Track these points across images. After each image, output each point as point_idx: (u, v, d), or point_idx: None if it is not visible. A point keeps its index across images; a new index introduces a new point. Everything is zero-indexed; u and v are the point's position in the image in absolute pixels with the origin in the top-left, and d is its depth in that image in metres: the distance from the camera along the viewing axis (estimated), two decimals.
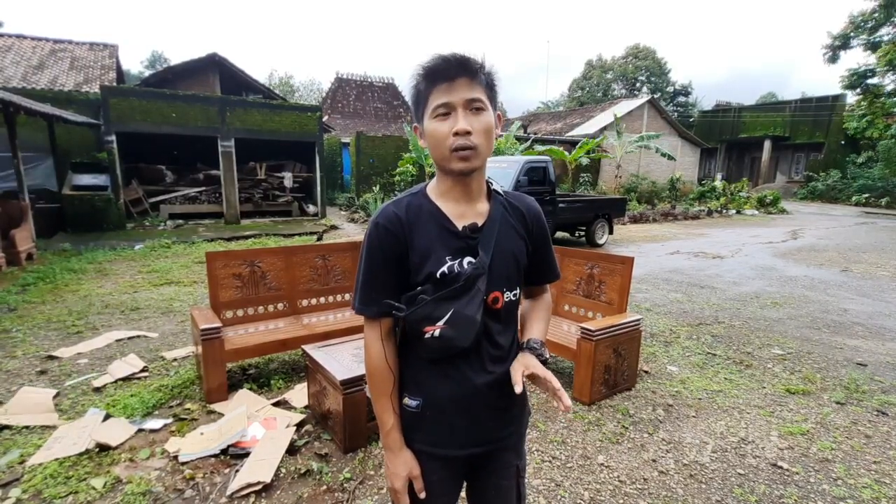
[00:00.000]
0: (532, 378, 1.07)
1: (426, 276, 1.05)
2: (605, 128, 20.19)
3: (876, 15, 20.42)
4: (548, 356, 1.14)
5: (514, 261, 1.12)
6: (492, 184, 1.15)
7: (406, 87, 1.10)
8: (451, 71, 0.98)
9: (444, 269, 1.04)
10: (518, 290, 1.15)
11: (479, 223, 1.09)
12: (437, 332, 1.03)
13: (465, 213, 1.09)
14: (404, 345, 1.14)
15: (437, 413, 1.11)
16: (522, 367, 1.07)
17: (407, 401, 1.12)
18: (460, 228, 1.07)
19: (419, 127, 1.08)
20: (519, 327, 1.22)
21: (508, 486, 1.22)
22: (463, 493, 1.28)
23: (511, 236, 1.13)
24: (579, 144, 15.35)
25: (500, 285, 1.09)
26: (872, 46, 20.78)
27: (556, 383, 1.03)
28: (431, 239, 1.06)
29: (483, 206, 1.12)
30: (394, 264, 1.06)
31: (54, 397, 3.06)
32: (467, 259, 1.06)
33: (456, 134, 0.99)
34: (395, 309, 1.05)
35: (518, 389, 1.03)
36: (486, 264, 1.06)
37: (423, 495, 1.13)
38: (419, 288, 1.05)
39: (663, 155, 17.29)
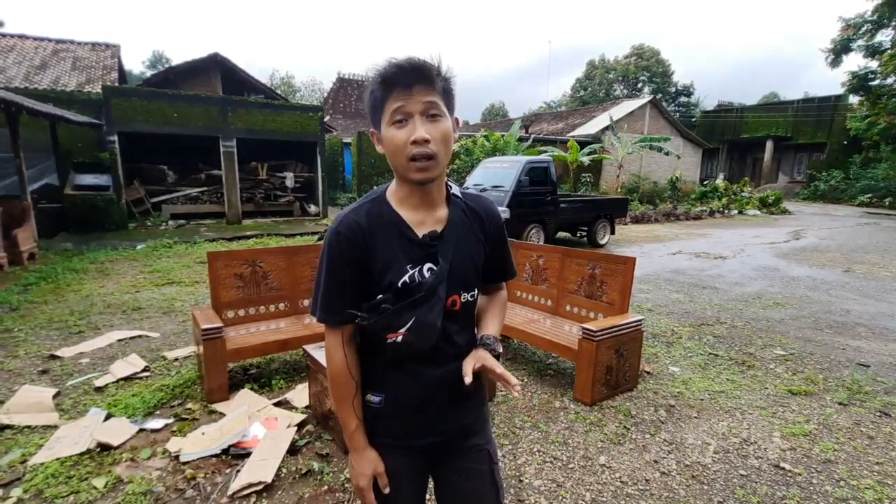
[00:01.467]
0: (483, 369, 1.10)
1: (387, 284, 1.05)
2: (605, 128, 20.17)
3: (874, 17, 20.39)
4: (500, 350, 1.17)
5: (472, 264, 1.15)
6: (451, 188, 1.16)
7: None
8: (407, 78, 0.97)
9: (406, 278, 1.06)
10: (475, 291, 1.18)
11: (439, 229, 1.10)
12: (399, 339, 1.05)
13: (425, 220, 1.10)
14: (366, 345, 1.15)
15: (399, 408, 1.14)
16: (473, 360, 1.10)
17: (370, 397, 1.15)
18: (420, 236, 1.08)
19: (376, 133, 1.07)
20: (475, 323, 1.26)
21: (479, 470, 1.22)
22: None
23: (469, 240, 1.15)
24: (569, 146, 15.23)
25: (458, 288, 1.12)
26: (872, 51, 20.78)
27: (500, 368, 1.07)
28: (392, 247, 1.06)
29: (442, 212, 1.12)
30: (355, 272, 1.06)
31: (55, 397, 3.06)
32: (427, 266, 1.07)
33: (414, 142, 0.98)
34: (359, 318, 1.06)
35: (467, 381, 1.06)
36: (445, 271, 1.07)
37: (387, 491, 1.15)
38: (380, 297, 1.05)
39: (666, 153, 17.26)
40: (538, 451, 2.61)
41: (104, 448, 2.50)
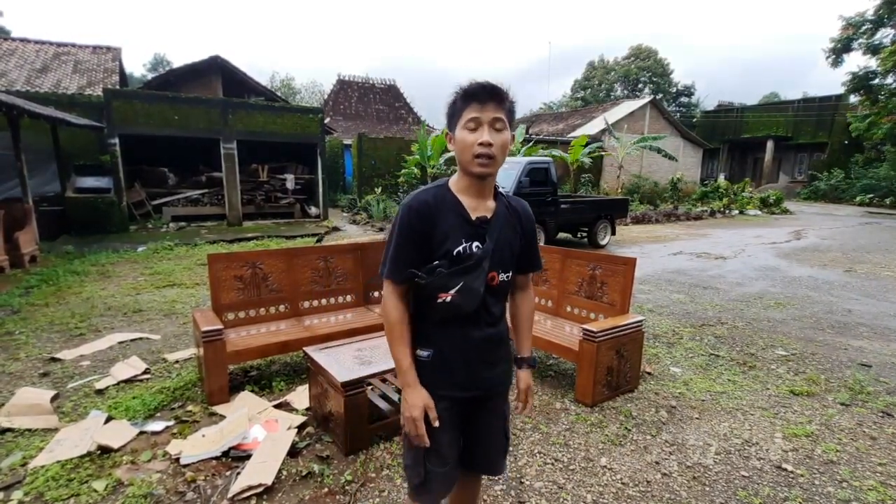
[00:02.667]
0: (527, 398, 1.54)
1: (444, 252, 1.31)
2: (603, 130, 20.16)
3: (875, 17, 20.40)
4: (537, 364, 1.53)
5: (510, 250, 1.42)
6: (498, 187, 1.43)
7: (406, 93, 1.24)
8: (484, 95, 1.25)
9: (460, 248, 1.31)
10: (510, 273, 1.44)
11: (488, 216, 1.37)
12: (448, 299, 1.31)
13: (478, 207, 1.37)
14: (419, 308, 1.39)
15: (444, 362, 1.39)
16: (526, 391, 1.56)
17: (420, 352, 1.39)
18: (474, 219, 1.35)
19: (451, 134, 1.34)
20: (510, 325, 1.57)
21: (498, 426, 1.54)
22: None
23: (509, 230, 1.41)
24: (572, 144, 15.21)
25: (498, 267, 1.37)
26: (872, 50, 20.78)
27: (531, 395, 1.58)
28: (451, 223, 1.32)
29: (491, 204, 1.39)
30: (419, 240, 1.31)
31: (55, 399, 3.06)
32: (475, 244, 1.33)
33: (481, 144, 1.25)
34: (419, 277, 1.30)
35: (527, 412, 1.55)
36: (490, 249, 1.33)
37: (436, 424, 1.36)
38: (437, 262, 1.30)
39: (665, 155, 17.25)
40: (539, 452, 2.60)
41: (105, 451, 2.50)
